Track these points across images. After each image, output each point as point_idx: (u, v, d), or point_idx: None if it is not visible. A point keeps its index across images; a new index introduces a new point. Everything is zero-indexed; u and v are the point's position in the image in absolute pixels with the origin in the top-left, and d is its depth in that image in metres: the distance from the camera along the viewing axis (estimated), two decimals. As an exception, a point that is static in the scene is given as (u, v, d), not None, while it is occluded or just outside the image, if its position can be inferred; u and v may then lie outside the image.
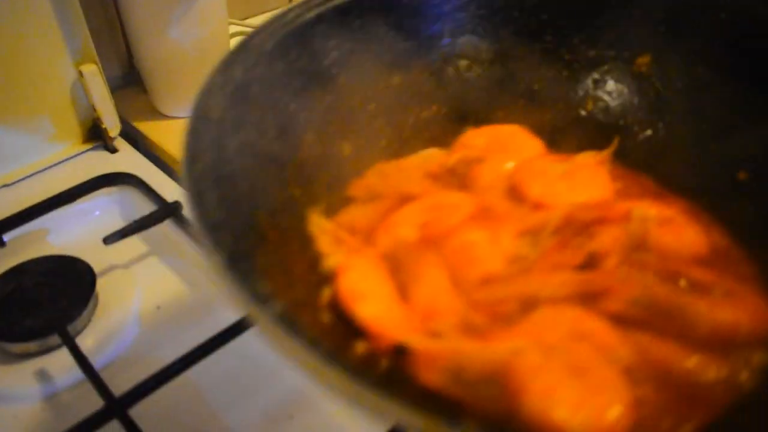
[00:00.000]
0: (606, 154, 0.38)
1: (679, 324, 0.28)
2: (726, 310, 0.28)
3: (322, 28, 0.37)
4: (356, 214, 0.35)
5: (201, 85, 0.30)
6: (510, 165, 0.38)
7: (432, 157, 0.40)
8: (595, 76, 0.42)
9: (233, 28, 0.79)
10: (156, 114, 0.71)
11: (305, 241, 0.32)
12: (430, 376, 0.27)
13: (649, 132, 0.40)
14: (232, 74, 0.31)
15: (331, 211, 0.34)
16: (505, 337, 0.28)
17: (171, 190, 0.60)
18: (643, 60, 0.41)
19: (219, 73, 0.31)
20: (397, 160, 0.39)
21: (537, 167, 0.37)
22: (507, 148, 0.40)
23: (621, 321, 0.29)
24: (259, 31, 0.34)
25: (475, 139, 0.41)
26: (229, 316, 0.46)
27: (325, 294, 0.30)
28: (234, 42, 0.77)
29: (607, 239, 0.31)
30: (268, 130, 0.33)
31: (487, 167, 0.38)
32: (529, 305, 0.30)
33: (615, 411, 0.25)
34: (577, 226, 0.33)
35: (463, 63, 0.43)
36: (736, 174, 0.35)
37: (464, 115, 0.42)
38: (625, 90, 0.42)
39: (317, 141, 0.36)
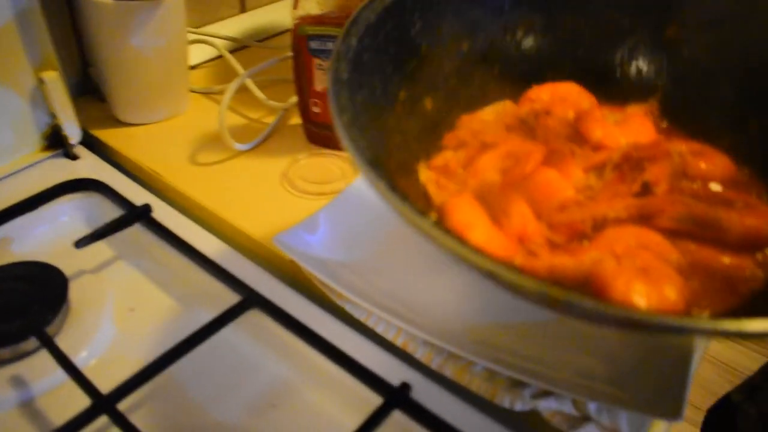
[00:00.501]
0: (650, 105, 0.47)
1: (716, 232, 0.37)
2: (751, 218, 0.37)
3: (411, 2, 0.44)
4: (448, 159, 0.44)
5: (333, 52, 0.37)
6: (572, 114, 0.47)
7: (505, 109, 0.49)
8: (630, 44, 0.50)
9: (191, 36, 0.80)
10: (113, 122, 0.71)
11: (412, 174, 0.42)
12: None
13: (676, 90, 0.48)
14: (350, 43, 0.38)
15: (426, 157, 0.44)
16: (585, 251, 0.37)
17: (138, 194, 0.60)
18: (672, 29, 0.49)
19: (342, 42, 0.38)
20: (475, 112, 0.48)
21: (596, 116, 0.46)
22: (567, 100, 0.48)
23: (671, 234, 0.37)
24: (365, 6, 0.40)
25: (540, 93, 0.49)
26: (205, 315, 0.47)
27: (433, 216, 0.39)
28: (192, 49, 0.79)
29: (656, 170, 0.40)
30: (376, 89, 0.41)
31: (552, 117, 0.46)
32: (598, 225, 0.38)
33: (673, 295, 0.34)
34: (632, 162, 0.41)
35: (520, 32, 0.51)
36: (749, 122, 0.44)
37: (522, 76, 0.50)
38: (656, 56, 0.50)
39: (408, 98, 0.44)
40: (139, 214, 0.56)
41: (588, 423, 0.41)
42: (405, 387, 0.43)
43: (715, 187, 0.41)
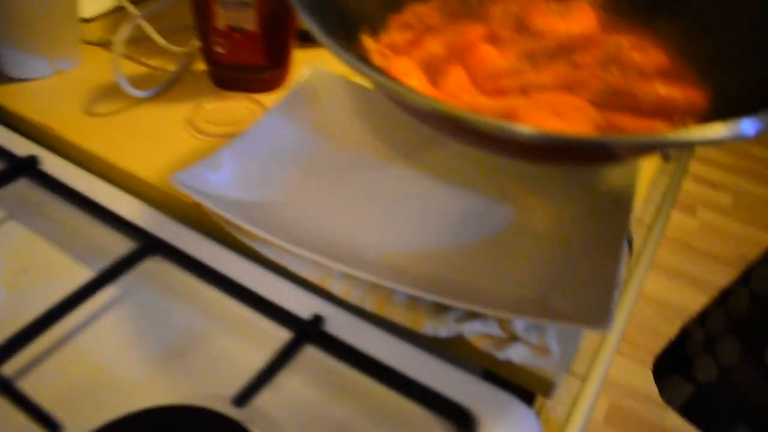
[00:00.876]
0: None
1: (632, 102, 0.39)
2: (666, 89, 0.39)
3: None
4: (394, 37, 0.46)
5: None
6: (515, 7, 0.48)
7: None
8: None
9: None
10: (-1, 78, 0.65)
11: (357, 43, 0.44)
12: None
13: None
14: None
15: (371, 34, 0.46)
16: (505, 98, 0.40)
17: (24, 148, 0.55)
18: None
19: None
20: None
21: (540, 7, 0.47)
22: None
23: (593, 105, 0.39)
24: None
25: None
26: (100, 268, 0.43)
27: None
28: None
29: (588, 57, 0.42)
30: None
31: (496, 5, 0.48)
32: (526, 90, 0.41)
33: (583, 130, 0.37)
34: (565, 50, 0.43)
35: None
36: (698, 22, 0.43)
37: None
38: None
39: None
40: (24, 167, 0.51)
41: (515, 342, 0.39)
42: (317, 320, 0.40)
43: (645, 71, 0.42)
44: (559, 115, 0.37)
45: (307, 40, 0.67)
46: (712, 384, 0.71)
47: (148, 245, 0.45)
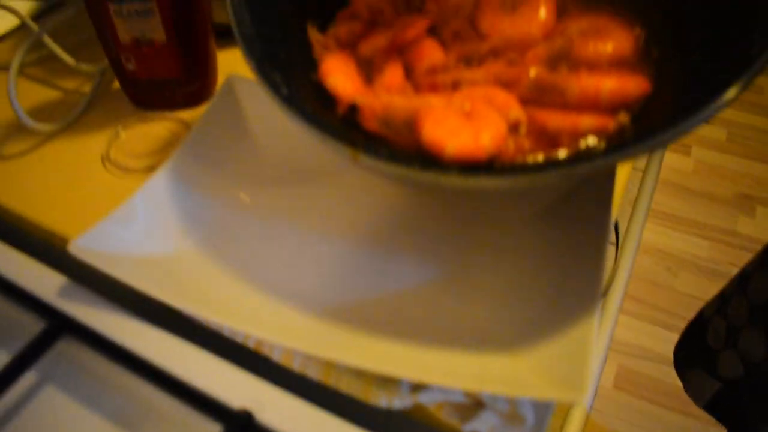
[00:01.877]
0: None
1: (561, 98, 0.37)
2: (611, 82, 0.37)
3: None
4: (340, 30, 0.45)
5: None
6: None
7: None
8: None
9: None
10: None
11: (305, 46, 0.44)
12: (371, 124, 0.39)
13: None
14: None
15: (322, 28, 0.45)
16: (423, 95, 0.39)
17: None
18: None
19: None
20: None
21: (493, 2, 0.44)
22: None
23: (523, 101, 0.38)
24: None
25: None
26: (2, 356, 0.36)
27: (313, 76, 0.42)
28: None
29: (530, 53, 0.40)
30: None
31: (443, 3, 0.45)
32: (456, 86, 0.39)
33: (486, 141, 0.35)
34: (508, 49, 0.41)
35: None
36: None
37: None
38: None
39: None
40: None
41: (483, 411, 0.33)
42: (247, 416, 0.33)
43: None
44: (470, 116, 0.36)
45: (225, 36, 0.59)
46: (738, 381, 0.65)
47: (60, 326, 0.39)
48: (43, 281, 0.42)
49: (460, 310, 0.39)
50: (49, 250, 0.44)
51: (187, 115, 0.56)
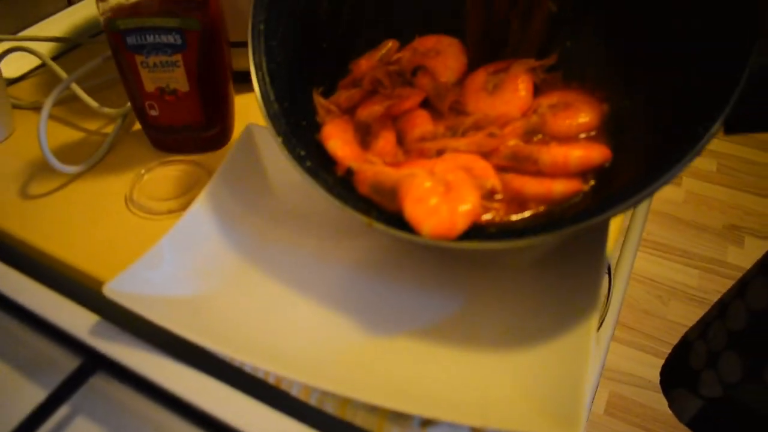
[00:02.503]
0: (532, 63, 0.49)
1: (533, 165, 0.42)
2: (579, 152, 0.42)
3: None
4: (341, 97, 0.50)
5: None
6: (453, 78, 0.51)
7: (390, 48, 0.53)
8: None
9: (5, 45, 0.69)
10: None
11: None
12: (363, 188, 0.44)
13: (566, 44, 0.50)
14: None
15: (327, 94, 0.51)
16: (411, 166, 0.44)
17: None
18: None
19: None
20: (364, 55, 0.53)
21: (477, 84, 0.49)
22: (446, 55, 0.52)
23: (500, 170, 0.43)
24: None
25: (424, 43, 0.53)
26: (38, 392, 0.39)
27: (317, 136, 0.48)
28: (12, 59, 0.68)
29: (509, 127, 0.45)
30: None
31: (427, 77, 0.51)
32: (444, 152, 0.44)
33: (460, 221, 0.39)
34: (490, 124, 0.46)
35: None
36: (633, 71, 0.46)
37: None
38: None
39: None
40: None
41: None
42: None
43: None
44: (449, 186, 0.41)
45: (243, 80, 0.62)
46: (718, 400, 0.69)
47: (93, 362, 0.42)
48: (77, 320, 0.45)
49: (466, 348, 0.42)
50: (81, 289, 0.47)
51: (206, 158, 0.59)
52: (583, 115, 0.45)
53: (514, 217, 0.42)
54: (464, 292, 0.46)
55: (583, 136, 0.45)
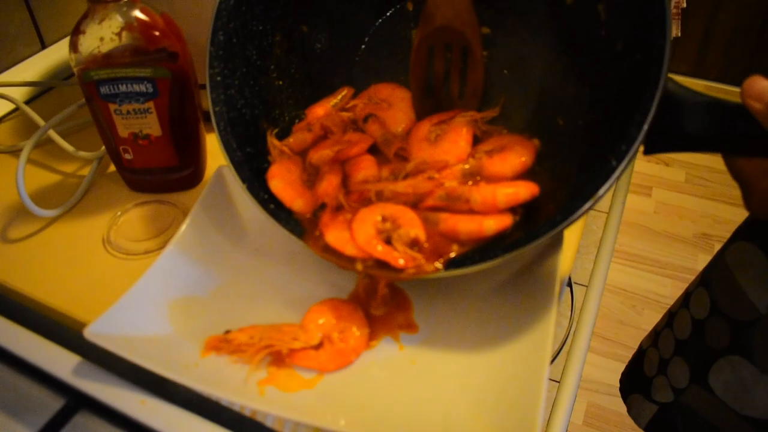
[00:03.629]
0: (473, 115, 0.53)
1: (465, 204, 0.46)
2: (510, 190, 0.46)
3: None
4: (292, 139, 0.53)
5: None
6: (401, 129, 0.55)
7: (344, 95, 0.57)
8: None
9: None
10: None
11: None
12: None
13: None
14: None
15: (280, 136, 0.54)
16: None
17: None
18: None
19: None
20: (320, 102, 0.57)
21: (420, 134, 0.53)
22: (396, 109, 0.55)
23: (435, 210, 0.47)
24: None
25: (378, 92, 0.57)
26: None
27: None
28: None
29: (447, 172, 0.49)
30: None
31: (376, 124, 0.54)
32: (380, 196, 0.48)
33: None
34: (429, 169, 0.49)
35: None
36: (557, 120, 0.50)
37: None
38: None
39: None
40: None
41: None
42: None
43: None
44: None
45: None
46: (670, 405, 0.72)
47: (76, 402, 0.43)
48: (59, 361, 0.46)
49: (429, 375, 0.45)
50: (63, 331, 0.49)
51: (181, 197, 0.62)
52: (517, 156, 0.49)
53: (438, 264, 0.45)
54: (428, 321, 0.49)
55: (519, 174, 0.48)
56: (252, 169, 0.49)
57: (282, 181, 0.50)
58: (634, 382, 0.81)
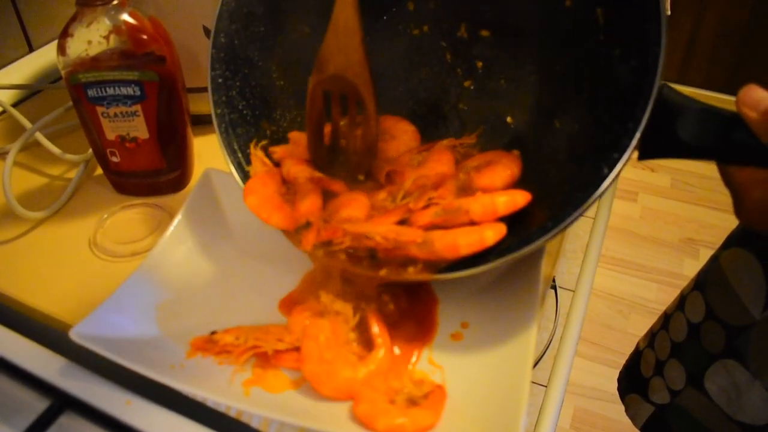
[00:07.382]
0: (453, 141, 0.54)
1: (465, 216, 0.45)
2: (488, 198, 0.46)
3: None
4: (278, 151, 0.52)
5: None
6: (390, 153, 0.54)
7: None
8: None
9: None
10: None
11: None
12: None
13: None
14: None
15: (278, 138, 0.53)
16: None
17: None
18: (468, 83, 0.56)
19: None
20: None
21: (403, 160, 0.53)
22: (392, 131, 0.55)
23: (432, 227, 0.46)
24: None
25: (382, 123, 0.55)
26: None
27: None
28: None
29: (441, 189, 0.49)
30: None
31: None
32: (357, 240, 0.46)
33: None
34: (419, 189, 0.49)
35: None
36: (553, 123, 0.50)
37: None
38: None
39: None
40: None
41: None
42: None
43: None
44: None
45: (200, 123, 0.65)
46: (666, 406, 0.73)
47: (61, 403, 0.44)
48: (44, 363, 0.47)
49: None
50: (49, 333, 0.49)
51: (167, 200, 0.62)
52: (505, 168, 0.49)
53: None
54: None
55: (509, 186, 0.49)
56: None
57: (257, 198, 0.48)
58: (632, 382, 0.82)
